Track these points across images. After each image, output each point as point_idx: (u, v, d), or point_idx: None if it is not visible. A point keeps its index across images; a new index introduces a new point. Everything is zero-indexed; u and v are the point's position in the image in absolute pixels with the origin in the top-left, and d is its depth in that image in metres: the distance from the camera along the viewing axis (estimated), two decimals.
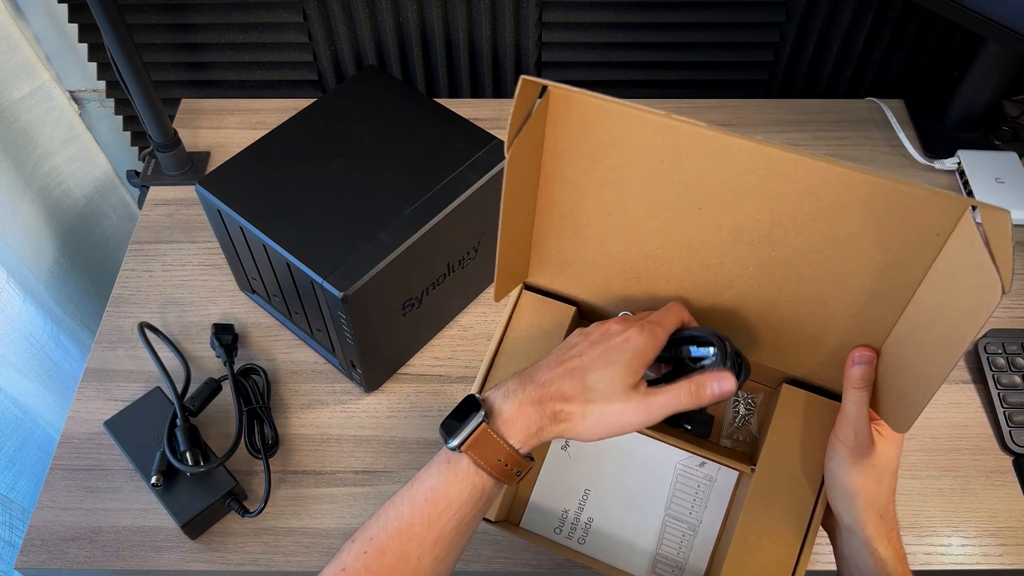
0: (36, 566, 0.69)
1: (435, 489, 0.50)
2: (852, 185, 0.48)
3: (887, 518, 0.54)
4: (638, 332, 0.52)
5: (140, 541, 0.70)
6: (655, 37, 1.05)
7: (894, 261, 0.50)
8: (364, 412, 0.78)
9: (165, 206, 0.95)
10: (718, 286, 0.57)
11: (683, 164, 0.52)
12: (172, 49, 1.06)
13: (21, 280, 0.95)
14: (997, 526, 0.71)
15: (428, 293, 0.76)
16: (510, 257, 0.59)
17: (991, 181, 0.94)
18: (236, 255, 0.79)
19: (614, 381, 0.50)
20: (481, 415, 0.50)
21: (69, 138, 1.09)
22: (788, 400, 0.59)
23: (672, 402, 0.50)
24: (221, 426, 0.77)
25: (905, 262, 0.50)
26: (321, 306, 0.70)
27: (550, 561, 0.69)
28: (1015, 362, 0.79)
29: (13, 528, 0.88)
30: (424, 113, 0.80)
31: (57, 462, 0.75)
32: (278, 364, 0.81)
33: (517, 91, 0.48)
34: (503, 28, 1.02)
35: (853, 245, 0.51)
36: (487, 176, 0.74)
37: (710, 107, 1.04)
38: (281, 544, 0.70)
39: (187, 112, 1.06)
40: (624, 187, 0.55)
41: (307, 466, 0.75)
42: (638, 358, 0.51)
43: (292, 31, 1.03)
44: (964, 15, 0.84)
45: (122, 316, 0.85)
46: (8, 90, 0.98)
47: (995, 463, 0.74)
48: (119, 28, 0.82)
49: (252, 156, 0.76)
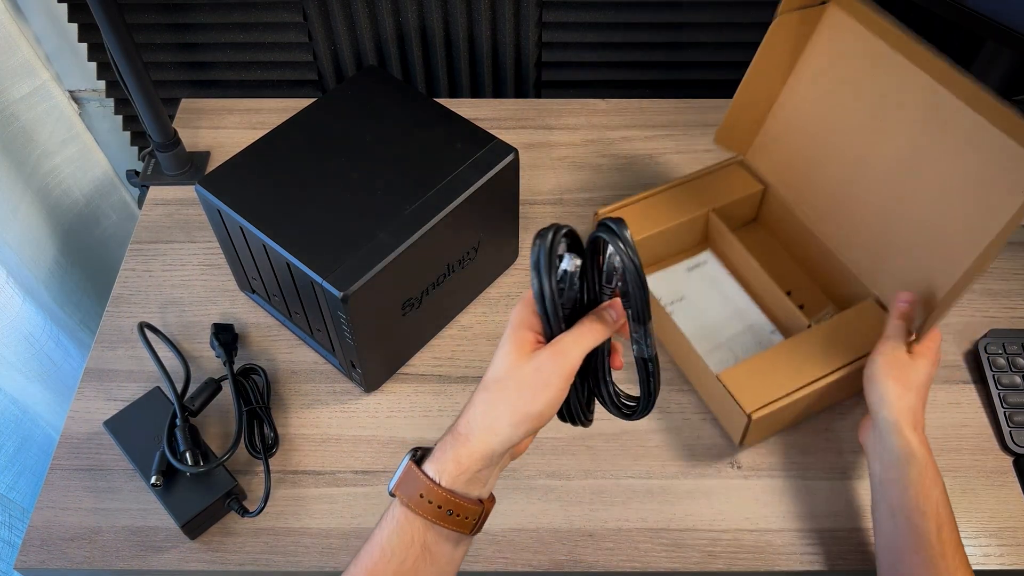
0: (36, 566, 0.69)
1: (373, 540, 0.49)
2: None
3: (916, 413, 0.64)
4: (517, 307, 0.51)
5: (140, 541, 0.70)
6: (655, 37, 1.05)
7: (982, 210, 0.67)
8: (364, 412, 0.78)
9: (165, 206, 0.95)
10: (854, 196, 0.78)
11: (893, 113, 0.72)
12: (172, 49, 1.06)
13: (21, 280, 0.95)
14: (997, 526, 0.71)
15: (428, 293, 0.76)
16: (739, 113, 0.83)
17: None
18: (236, 255, 0.79)
19: (503, 359, 0.49)
20: (410, 454, 0.50)
21: (69, 138, 1.09)
22: (859, 309, 0.77)
23: (579, 340, 0.48)
24: (221, 426, 0.77)
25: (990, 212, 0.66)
26: (321, 306, 0.70)
27: (550, 561, 0.69)
28: (1015, 362, 0.79)
29: (13, 528, 0.88)
30: (424, 113, 0.80)
31: (57, 462, 0.75)
32: (278, 364, 0.81)
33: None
34: (503, 28, 1.02)
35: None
36: (487, 176, 0.74)
37: (711, 107, 1.04)
38: (281, 544, 0.70)
39: (187, 112, 1.06)
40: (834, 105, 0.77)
41: (307, 466, 0.75)
42: (518, 330, 0.49)
43: (292, 31, 1.03)
44: (964, 15, 0.84)
45: (122, 316, 0.85)
46: (8, 90, 0.98)
47: (995, 463, 0.74)
48: (119, 28, 0.82)
49: (252, 156, 0.76)
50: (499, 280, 0.88)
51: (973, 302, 0.85)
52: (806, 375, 0.72)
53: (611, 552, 0.70)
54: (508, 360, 0.49)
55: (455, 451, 0.48)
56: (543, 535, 0.71)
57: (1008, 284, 0.87)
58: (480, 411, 0.49)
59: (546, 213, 0.94)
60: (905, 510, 0.60)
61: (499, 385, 0.49)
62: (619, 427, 0.75)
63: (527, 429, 0.48)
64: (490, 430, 0.48)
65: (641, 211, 0.85)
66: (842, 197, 0.79)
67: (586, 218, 0.93)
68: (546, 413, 0.48)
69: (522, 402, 0.48)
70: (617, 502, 0.72)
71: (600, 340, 0.50)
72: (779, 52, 0.78)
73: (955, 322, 0.84)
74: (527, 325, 0.50)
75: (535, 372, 0.48)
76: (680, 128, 1.03)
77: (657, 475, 0.74)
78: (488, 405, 0.49)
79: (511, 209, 0.82)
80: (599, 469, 0.74)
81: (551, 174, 0.98)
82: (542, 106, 1.05)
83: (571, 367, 0.48)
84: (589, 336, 0.49)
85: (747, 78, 0.79)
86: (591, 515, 0.72)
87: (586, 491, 0.73)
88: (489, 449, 0.48)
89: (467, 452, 0.48)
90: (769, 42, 0.76)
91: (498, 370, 0.49)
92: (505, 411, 0.48)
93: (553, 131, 1.03)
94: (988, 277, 0.87)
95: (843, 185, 0.78)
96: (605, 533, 0.71)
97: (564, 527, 0.71)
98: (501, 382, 0.49)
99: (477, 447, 0.48)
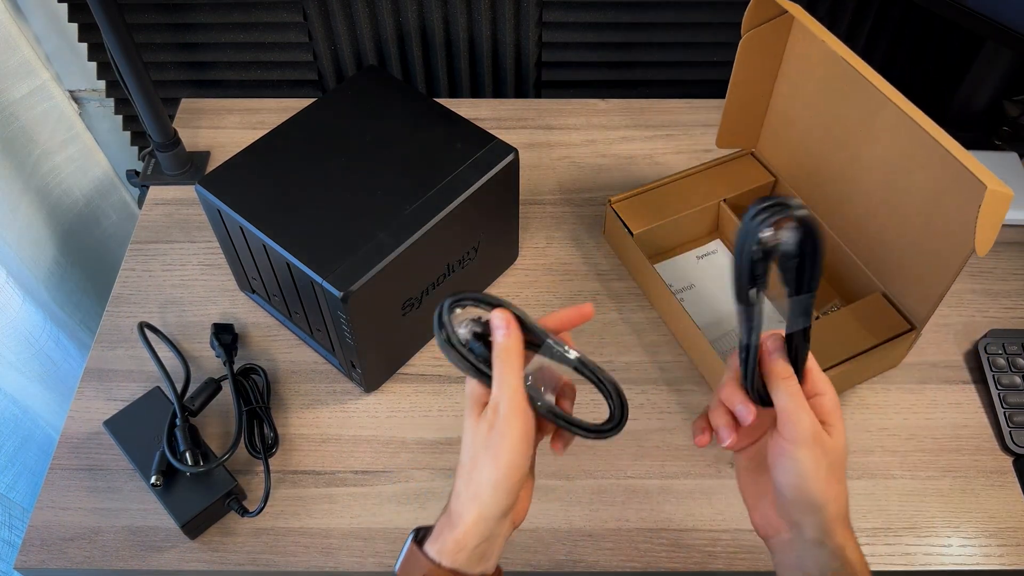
0: (36, 566, 0.69)
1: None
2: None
3: (846, 520, 0.50)
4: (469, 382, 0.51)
5: (140, 541, 0.70)
6: (655, 37, 1.05)
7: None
8: (364, 412, 0.78)
9: (165, 206, 0.95)
10: (855, 190, 0.78)
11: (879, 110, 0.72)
12: (172, 49, 1.06)
13: (21, 280, 0.95)
14: (997, 527, 0.71)
15: (428, 293, 0.76)
16: (733, 118, 0.85)
17: None
18: (236, 255, 0.79)
19: (467, 433, 0.50)
20: (412, 534, 0.50)
21: (69, 138, 1.09)
22: (866, 302, 0.77)
23: (501, 377, 0.49)
24: (221, 426, 0.77)
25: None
26: (321, 306, 0.70)
27: (550, 561, 0.69)
28: (1015, 362, 0.79)
29: (13, 528, 0.88)
30: (424, 113, 0.80)
31: (57, 462, 0.75)
32: (278, 364, 0.81)
33: (750, 5, 0.73)
34: (503, 28, 1.02)
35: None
36: (487, 176, 0.74)
37: (711, 107, 1.04)
38: (281, 544, 0.70)
39: (187, 112, 1.06)
40: (827, 100, 0.77)
41: (307, 466, 0.75)
42: (474, 405, 0.51)
43: (292, 31, 1.03)
44: (964, 15, 0.84)
45: (122, 316, 0.85)
46: (8, 90, 0.98)
47: (995, 463, 0.74)
48: (119, 28, 0.82)
49: (252, 156, 0.76)
50: (499, 280, 0.88)
51: (973, 302, 0.85)
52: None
53: (611, 552, 0.70)
54: (471, 433, 0.50)
55: (451, 530, 0.48)
56: (543, 535, 0.71)
57: (1008, 284, 0.87)
58: (463, 484, 0.49)
59: (546, 213, 0.94)
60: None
61: (470, 456, 0.49)
62: None
63: (508, 487, 0.48)
64: (476, 499, 0.48)
65: (653, 200, 0.87)
66: (845, 190, 0.79)
67: (586, 218, 0.93)
68: (516, 461, 0.48)
69: (491, 461, 0.48)
70: (617, 502, 0.72)
71: (514, 356, 0.49)
72: (758, 59, 0.80)
73: (955, 322, 0.84)
74: (477, 399, 0.51)
75: (490, 429, 0.48)
76: (680, 128, 1.03)
77: (657, 475, 0.74)
78: (468, 478, 0.49)
79: (511, 209, 0.82)
80: (599, 469, 0.74)
81: (551, 174, 0.98)
82: (542, 106, 1.05)
83: (509, 404, 0.48)
84: (503, 366, 0.49)
85: (731, 89, 0.82)
86: (591, 515, 0.72)
87: (586, 491, 0.73)
88: (481, 520, 0.48)
89: (462, 529, 0.48)
90: (743, 56, 0.79)
91: (466, 445, 0.50)
92: (481, 477, 0.48)
93: (553, 131, 1.03)
94: (988, 277, 0.87)
95: (844, 178, 0.79)
96: (605, 533, 0.71)
97: (564, 527, 0.71)
98: (470, 452, 0.49)
99: (469, 521, 0.48)
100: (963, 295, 0.86)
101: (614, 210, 0.86)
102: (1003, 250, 0.89)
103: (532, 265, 0.89)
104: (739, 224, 0.46)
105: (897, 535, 0.70)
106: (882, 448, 0.75)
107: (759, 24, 0.76)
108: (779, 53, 0.80)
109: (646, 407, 0.78)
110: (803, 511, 0.49)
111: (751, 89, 0.83)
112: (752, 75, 0.82)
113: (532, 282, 0.88)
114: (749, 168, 0.90)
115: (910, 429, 0.76)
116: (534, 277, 0.88)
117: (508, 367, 0.49)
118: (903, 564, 0.69)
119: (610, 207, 0.86)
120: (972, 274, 0.87)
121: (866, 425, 0.77)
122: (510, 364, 0.49)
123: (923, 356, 0.81)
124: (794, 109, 0.82)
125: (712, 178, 0.89)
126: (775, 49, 0.80)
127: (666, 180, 0.88)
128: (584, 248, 0.91)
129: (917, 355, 0.81)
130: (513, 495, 0.49)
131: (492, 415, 0.49)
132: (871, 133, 0.74)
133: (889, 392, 0.79)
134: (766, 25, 0.76)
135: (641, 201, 0.87)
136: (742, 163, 0.90)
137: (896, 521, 0.71)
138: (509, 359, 0.49)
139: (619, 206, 0.86)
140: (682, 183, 0.88)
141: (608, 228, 0.90)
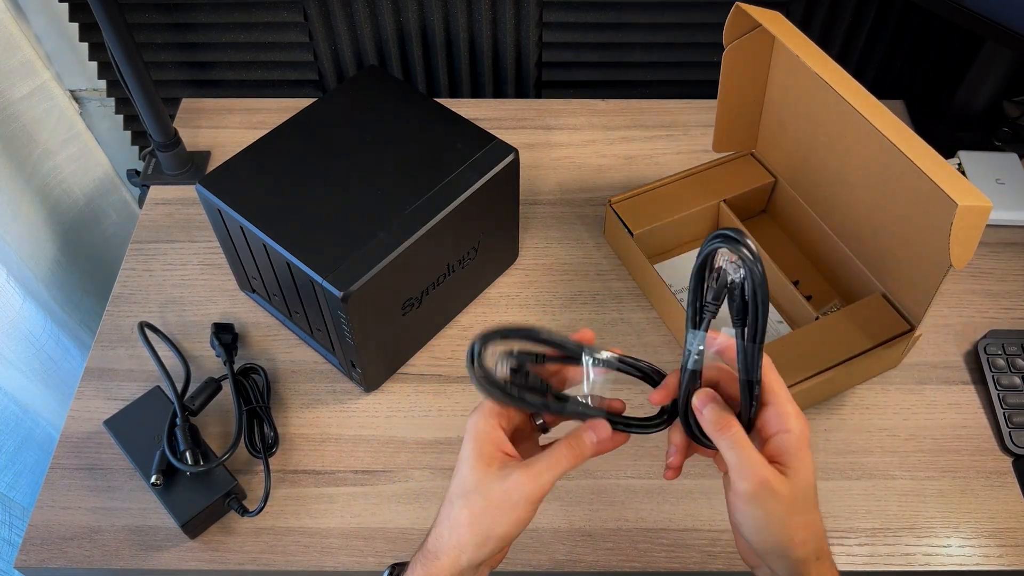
0: (36, 565, 0.69)
1: None
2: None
3: (824, 551, 0.48)
4: (473, 417, 0.49)
5: (139, 540, 0.70)
6: (655, 37, 1.05)
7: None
8: (364, 412, 0.78)
9: (165, 205, 0.95)
10: (851, 190, 0.78)
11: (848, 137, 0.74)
12: (172, 48, 1.06)
13: (21, 279, 0.95)
14: (996, 527, 0.71)
15: (428, 293, 0.76)
16: (726, 124, 0.86)
17: (991, 182, 0.94)
18: (236, 255, 0.79)
19: (469, 471, 0.46)
20: (388, 570, 0.50)
21: (69, 137, 1.09)
22: (866, 302, 0.77)
23: (554, 466, 0.47)
24: (221, 426, 0.77)
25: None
26: (321, 306, 0.70)
27: (550, 561, 0.69)
28: (1015, 363, 0.79)
29: (13, 527, 0.88)
30: (424, 113, 0.80)
31: (57, 461, 0.75)
32: (278, 364, 0.81)
33: (729, 19, 0.73)
34: (503, 28, 1.02)
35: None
36: (487, 176, 0.74)
37: (711, 107, 1.03)
38: (281, 544, 0.70)
39: (187, 111, 1.06)
40: (817, 101, 0.76)
41: (307, 466, 0.75)
42: (482, 444, 0.47)
43: (292, 31, 1.03)
44: (964, 15, 0.84)
45: (122, 315, 0.85)
46: (8, 89, 0.98)
47: (995, 464, 0.74)
48: (119, 27, 0.82)
49: (252, 156, 0.76)
50: (499, 280, 0.88)
51: (973, 303, 0.85)
52: (811, 367, 0.72)
53: (611, 552, 0.70)
54: (474, 475, 0.47)
55: (424, 569, 0.47)
56: (543, 535, 0.71)
57: (1008, 284, 0.87)
58: (447, 528, 0.47)
59: (546, 213, 0.94)
60: None
61: (465, 501, 0.47)
62: None
63: (492, 548, 0.47)
64: (457, 547, 0.47)
65: (653, 200, 0.87)
66: (842, 191, 0.79)
67: (586, 218, 0.93)
68: (511, 534, 0.47)
69: (488, 522, 0.46)
70: (617, 502, 0.72)
71: (576, 465, 0.47)
72: (745, 67, 0.80)
73: (955, 323, 0.84)
74: (490, 440, 0.48)
75: (504, 494, 0.46)
76: (680, 128, 1.03)
77: (657, 475, 0.74)
78: (454, 523, 0.47)
79: (511, 209, 0.82)
80: (599, 469, 0.74)
81: (551, 174, 0.98)
82: (542, 106, 1.05)
83: (541, 492, 0.46)
84: (565, 462, 0.47)
85: (721, 98, 0.83)
86: (591, 515, 0.72)
87: (586, 491, 0.73)
88: (458, 568, 0.47)
89: (436, 571, 0.47)
90: (728, 67, 0.80)
91: (465, 484, 0.47)
92: (470, 531, 0.46)
93: (553, 131, 1.03)
94: (988, 278, 0.87)
95: (839, 180, 0.79)
96: (605, 533, 0.71)
97: (564, 527, 0.71)
98: (467, 497, 0.47)
99: (445, 565, 0.47)
100: (963, 295, 0.86)
101: (614, 210, 0.86)
102: (1003, 250, 0.89)
103: (532, 265, 0.89)
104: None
105: (896, 535, 0.70)
106: (881, 448, 0.75)
107: (740, 36, 0.76)
108: (767, 59, 0.81)
109: (646, 407, 0.78)
110: (769, 557, 0.48)
111: (742, 96, 0.84)
112: (741, 83, 0.82)
113: (532, 282, 0.88)
114: (749, 168, 0.90)
115: (910, 429, 0.76)
116: (534, 277, 0.88)
117: (567, 464, 0.47)
118: (903, 564, 0.69)
119: (610, 207, 0.87)
120: (972, 275, 0.87)
121: (866, 425, 0.77)
122: (569, 463, 0.47)
123: (923, 357, 0.81)
124: (786, 113, 0.83)
125: (712, 178, 0.89)
126: (762, 56, 0.80)
127: (666, 180, 0.89)
128: (584, 248, 0.91)
129: (917, 355, 0.81)
130: (497, 553, 0.48)
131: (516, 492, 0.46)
132: (851, 145, 0.74)
133: (888, 392, 0.79)
134: (747, 36, 0.77)
135: (641, 201, 0.87)
136: (742, 163, 0.90)
137: (895, 521, 0.71)
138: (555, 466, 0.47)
139: (619, 206, 0.86)
140: (682, 183, 0.89)
141: (608, 228, 0.90)
